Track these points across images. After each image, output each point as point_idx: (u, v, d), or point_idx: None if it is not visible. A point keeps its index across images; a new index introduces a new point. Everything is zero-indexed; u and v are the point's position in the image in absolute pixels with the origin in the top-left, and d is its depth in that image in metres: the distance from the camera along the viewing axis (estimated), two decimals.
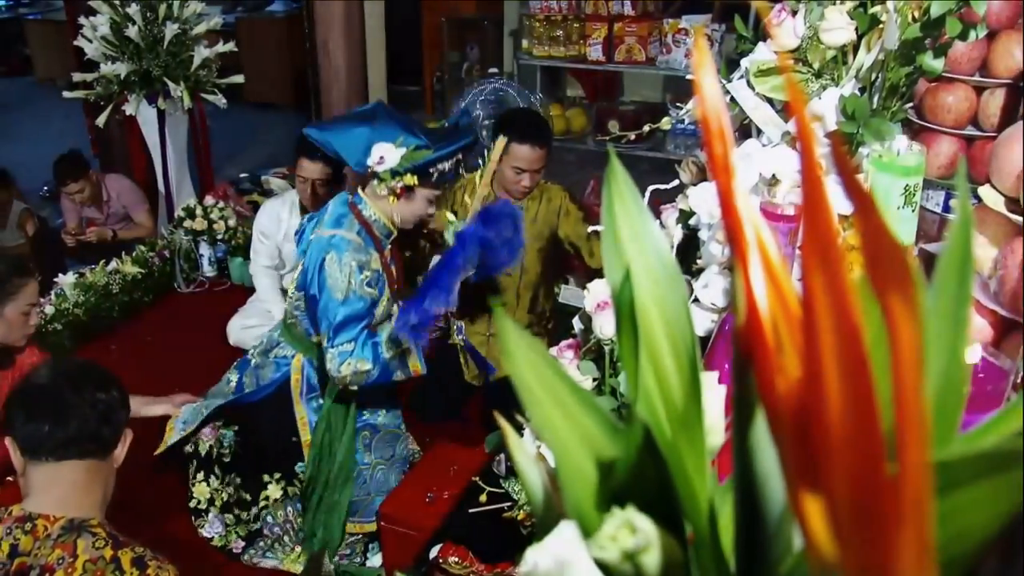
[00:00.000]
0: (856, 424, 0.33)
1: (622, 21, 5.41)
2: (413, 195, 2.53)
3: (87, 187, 4.69)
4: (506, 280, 3.19)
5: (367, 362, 2.47)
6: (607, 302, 1.73)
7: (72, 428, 1.56)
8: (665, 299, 0.45)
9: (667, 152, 5.39)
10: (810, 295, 0.33)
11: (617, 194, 0.47)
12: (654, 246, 0.46)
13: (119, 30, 4.29)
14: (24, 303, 2.54)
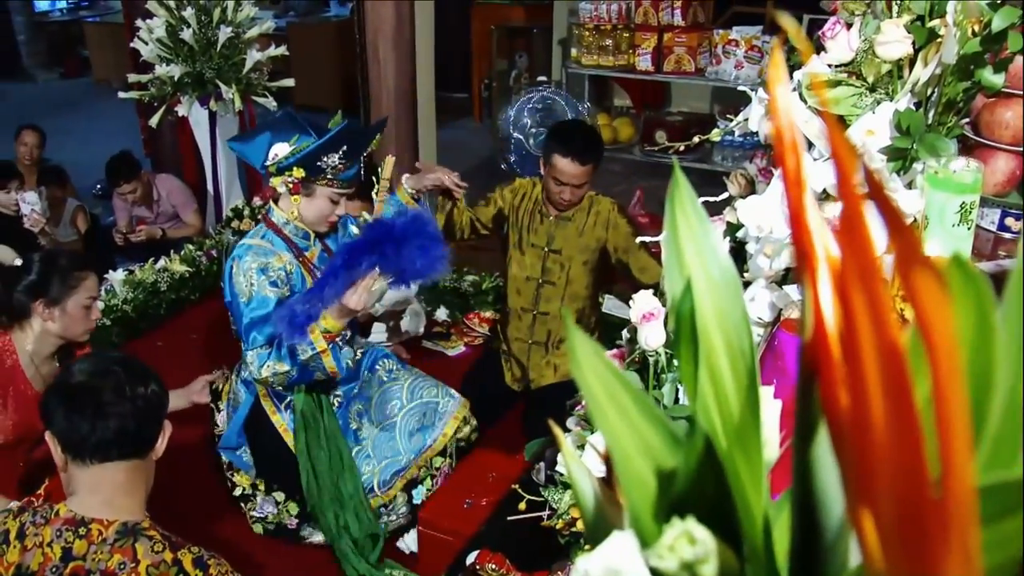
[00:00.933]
0: (899, 443, 0.33)
1: (672, 31, 5.39)
2: (313, 193, 2.61)
3: (139, 187, 4.77)
4: (550, 290, 3.18)
5: (284, 363, 2.52)
6: (652, 313, 1.72)
7: (112, 428, 1.54)
8: (725, 312, 0.45)
9: (714, 164, 5.36)
10: (850, 315, 0.33)
11: (679, 206, 0.47)
12: (715, 258, 0.46)
13: (174, 33, 4.37)
14: (85, 296, 2.55)
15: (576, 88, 5.50)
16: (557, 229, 3.14)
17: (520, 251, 3.20)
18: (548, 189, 3.06)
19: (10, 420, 2.49)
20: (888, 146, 1.59)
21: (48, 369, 2.62)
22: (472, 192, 3.18)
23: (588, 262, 3.16)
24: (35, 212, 4.44)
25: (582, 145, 3.01)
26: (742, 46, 5.25)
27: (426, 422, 2.92)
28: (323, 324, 2.51)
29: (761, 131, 1.99)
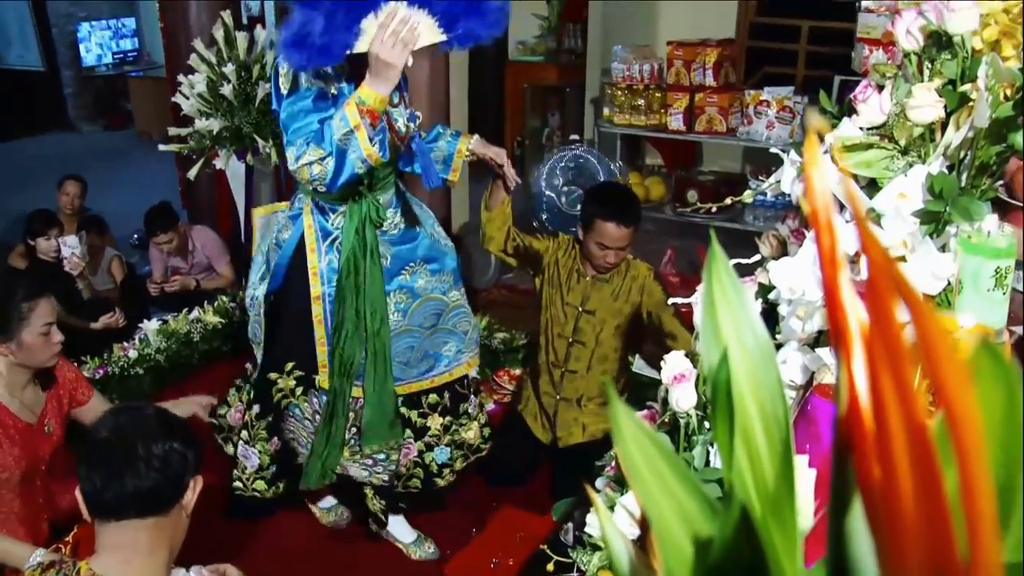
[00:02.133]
0: (929, 522, 0.34)
1: (703, 91, 5.44)
2: None
3: (175, 238, 4.85)
4: (580, 349, 3.18)
5: (320, 149, 2.19)
6: (684, 375, 1.72)
7: (128, 487, 1.52)
8: (760, 381, 0.45)
9: (746, 224, 5.36)
10: (879, 397, 0.34)
11: (716, 275, 0.48)
12: (750, 328, 0.46)
13: (214, 88, 4.46)
14: (39, 325, 2.43)
15: (608, 147, 5.55)
16: (593, 290, 3.15)
17: (554, 308, 3.21)
18: (590, 252, 3.07)
19: (10, 455, 2.47)
20: (921, 209, 1.59)
21: (32, 396, 2.57)
22: None
23: (620, 326, 3.16)
24: (75, 256, 4.52)
25: (624, 208, 3.03)
26: (773, 106, 5.28)
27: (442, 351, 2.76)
28: (357, 94, 2.17)
29: (793, 193, 1.99)
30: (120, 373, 3.96)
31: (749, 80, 6.55)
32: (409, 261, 2.63)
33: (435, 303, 2.71)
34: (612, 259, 3.04)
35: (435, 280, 2.69)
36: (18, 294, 2.43)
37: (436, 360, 2.76)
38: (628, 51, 5.72)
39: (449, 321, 2.76)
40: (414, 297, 2.65)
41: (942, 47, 1.64)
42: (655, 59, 5.72)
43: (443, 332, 2.75)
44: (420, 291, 2.65)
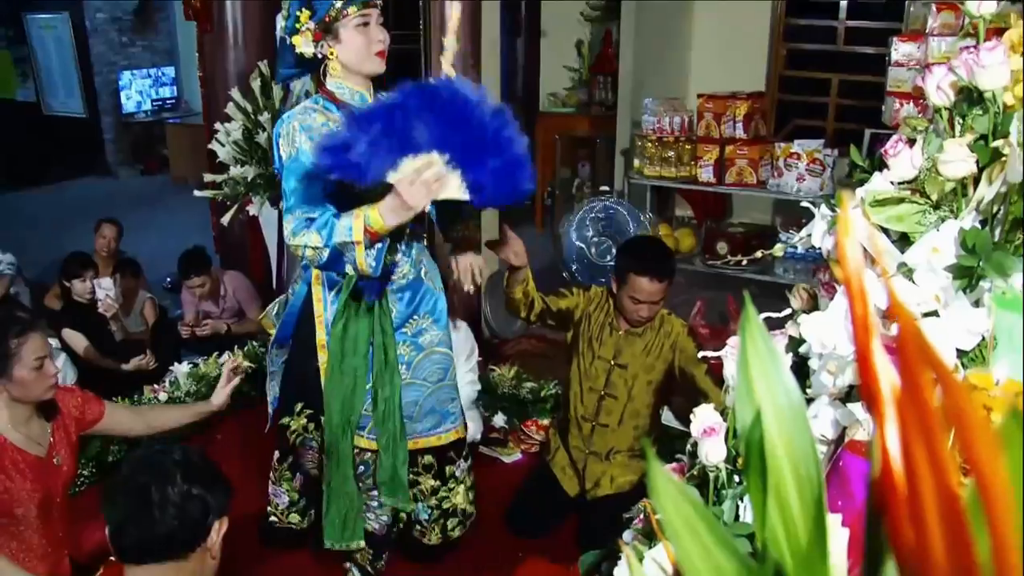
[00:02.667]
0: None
1: (734, 144, 5.46)
2: (337, 33, 2.34)
3: (208, 282, 4.90)
4: (611, 403, 3.15)
5: (320, 237, 2.21)
6: (714, 428, 1.70)
7: (144, 532, 1.52)
8: (793, 441, 0.46)
9: (776, 276, 5.34)
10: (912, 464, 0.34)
11: (750, 337, 0.48)
12: (784, 389, 0.47)
13: (250, 136, 4.54)
14: (30, 360, 2.42)
15: (638, 198, 5.57)
16: (625, 344, 3.13)
17: (585, 361, 3.19)
18: (624, 306, 3.05)
19: (23, 490, 2.48)
20: (954, 264, 1.58)
21: (38, 428, 2.57)
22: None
23: (652, 382, 3.13)
24: (109, 298, 4.59)
25: (658, 262, 3.02)
26: (804, 159, 5.28)
27: (449, 407, 2.75)
28: (368, 214, 2.20)
29: (824, 246, 1.99)
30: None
31: (779, 132, 6.58)
32: (414, 314, 2.62)
33: (441, 357, 2.70)
34: (645, 313, 3.02)
35: (442, 334, 2.69)
36: (6, 331, 2.41)
37: (443, 417, 2.74)
38: (658, 103, 5.76)
39: (454, 378, 2.76)
40: (418, 350, 2.64)
41: (973, 102, 1.64)
42: (685, 111, 5.76)
43: (449, 387, 2.74)
44: (425, 344, 2.65)
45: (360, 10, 2.33)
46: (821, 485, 0.45)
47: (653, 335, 3.12)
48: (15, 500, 2.47)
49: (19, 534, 2.51)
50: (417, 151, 2.13)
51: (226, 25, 5.14)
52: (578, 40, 7.72)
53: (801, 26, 6.68)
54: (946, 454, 0.34)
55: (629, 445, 3.18)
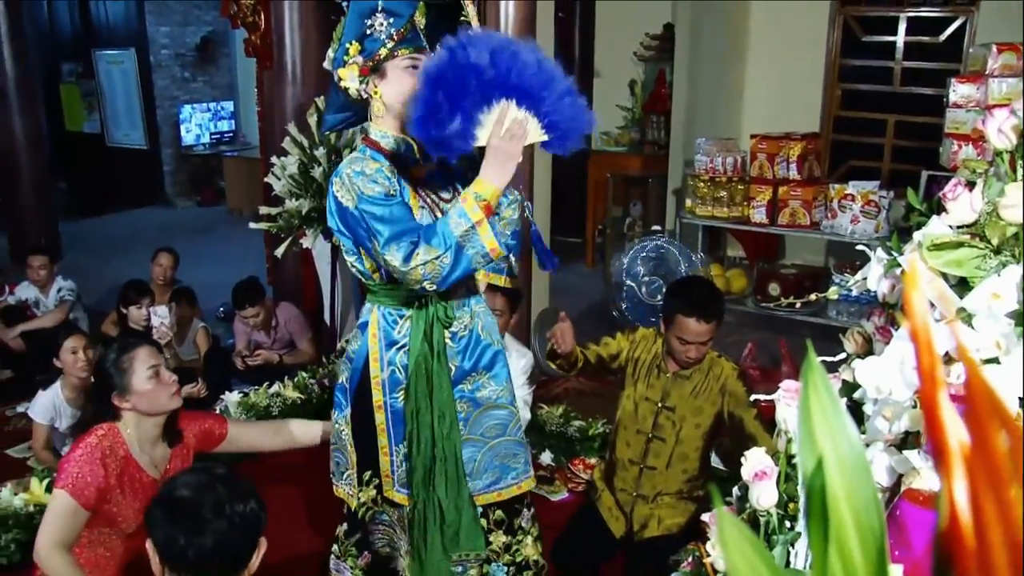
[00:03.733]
0: None
1: (787, 184, 5.42)
2: (384, 72, 2.30)
3: (261, 312, 4.97)
4: (659, 446, 3.12)
5: (432, 248, 2.12)
6: (765, 472, 1.68)
7: (210, 545, 1.55)
8: (855, 491, 0.45)
9: (828, 318, 5.26)
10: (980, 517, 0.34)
11: (812, 385, 0.48)
12: (846, 438, 0.46)
13: (306, 170, 4.61)
14: (144, 370, 2.54)
15: (690, 238, 5.55)
16: (673, 386, 3.10)
17: (633, 403, 3.16)
18: (671, 347, 3.01)
19: (130, 508, 2.56)
20: (1015, 310, 1.55)
21: (160, 453, 2.66)
22: (581, 336, 3.18)
23: (701, 426, 3.08)
24: (164, 325, 4.66)
25: (705, 303, 2.97)
26: (858, 200, 5.23)
27: (510, 463, 2.64)
28: (474, 191, 2.15)
29: (879, 290, 1.95)
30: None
31: (834, 173, 6.53)
32: (473, 370, 2.56)
33: (500, 412, 2.62)
34: (693, 354, 2.99)
35: (500, 389, 2.61)
36: (115, 352, 2.57)
37: (503, 472, 2.64)
38: (711, 143, 5.76)
39: (517, 432, 2.67)
40: (475, 406, 2.57)
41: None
42: (738, 151, 5.74)
43: (511, 443, 2.64)
44: (482, 400, 2.57)
45: (412, 53, 2.32)
46: (883, 535, 0.44)
47: (702, 377, 3.08)
48: (121, 516, 2.55)
49: (108, 540, 2.60)
50: (489, 103, 2.11)
51: (285, 62, 5.25)
52: (631, 80, 7.76)
53: (856, 67, 6.64)
54: (1015, 505, 0.33)
55: (677, 488, 3.14)
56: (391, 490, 2.56)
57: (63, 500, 2.41)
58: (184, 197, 11.43)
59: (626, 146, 7.71)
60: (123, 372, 2.53)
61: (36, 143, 8.03)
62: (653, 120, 7.50)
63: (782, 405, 1.76)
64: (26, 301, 5.80)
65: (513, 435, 2.63)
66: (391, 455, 2.53)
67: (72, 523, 2.43)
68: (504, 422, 2.61)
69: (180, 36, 11.09)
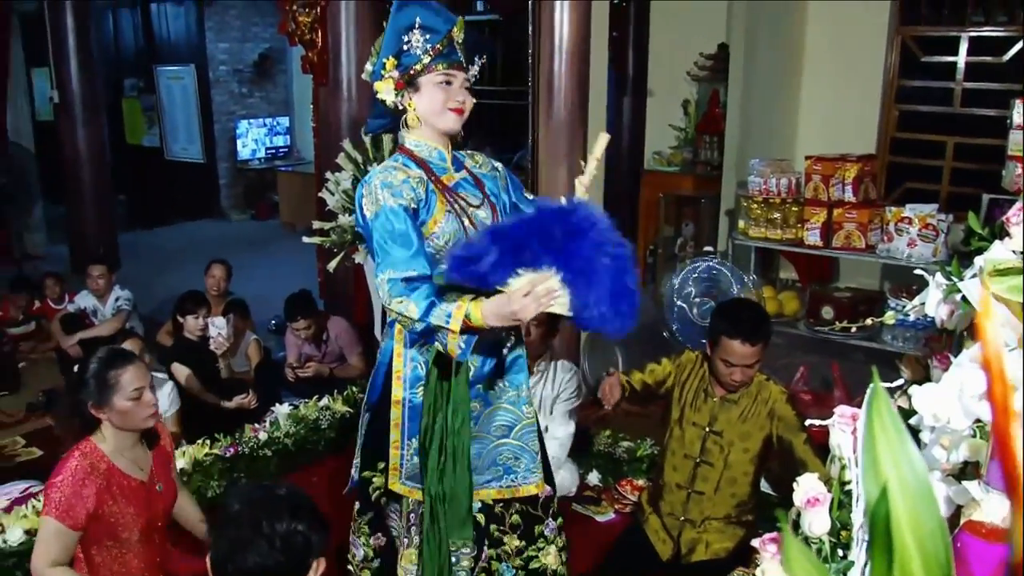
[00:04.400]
0: None
1: (842, 207, 5.34)
2: (419, 86, 2.38)
3: (312, 326, 5.02)
4: (707, 470, 3.08)
5: (416, 308, 2.21)
6: (817, 499, 1.64)
7: (249, 563, 1.56)
8: (920, 520, 0.44)
9: (883, 343, 5.17)
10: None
11: (877, 414, 0.47)
12: (912, 467, 0.45)
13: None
14: (128, 391, 2.55)
15: (742, 259, 5.49)
16: (721, 410, 3.06)
17: (680, 427, 3.13)
18: (717, 370, 2.99)
19: (126, 514, 2.60)
20: None
21: (140, 454, 2.71)
22: (631, 357, 3.17)
23: (749, 450, 3.04)
24: (221, 336, 4.73)
25: (751, 325, 2.94)
26: (916, 224, 5.13)
27: (512, 464, 2.69)
28: (470, 308, 2.20)
29: (938, 316, 1.91)
30: (249, 453, 4.08)
31: (890, 196, 6.42)
32: (488, 373, 2.62)
33: (506, 413, 2.67)
34: (738, 377, 2.95)
35: (512, 393, 2.67)
36: (106, 365, 2.57)
37: (505, 471, 2.70)
38: (765, 164, 5.70)
39: (521, 436, 2.70)
40: (487, 405, 2.64)
41: None
42: (792, 173, 5.68)
43: (514, 446, 2.69)
44: (492, 399, 2.65)
45: (446, 68, 2.38)
46: (950, 563, 0.43)
47: (750, 402, 3.04)
48: (121, 524, 2.59)
49: (121, 557, 2.63)
50: (537, 265, 2.15)
51: (340, 79, 5.33)
52: (685, 99, 7.73)
53: (915, 87, 6.54)
54: None
55: (726, 512, 3.10)
56: (396, 483, 2.64)
57: (52, 526, 2.49)
58: (239, 211, 11.62)
59: (678, 166, 7.67)
60: (106, 387, 2.55)
61: (99, 156, 8.22)
62: (706, 140, 7.46)
63: (836, 430, 1.72)
64: (84, 309, 5.94)
65: (518, 438, 2.68)
66: (402, 449, 2.61)
67: (64, 543, 2.51)
68: (509, 423, 2.67)
69: (238, 53, 11.30)
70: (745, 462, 3.06)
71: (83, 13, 7.92)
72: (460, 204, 2.46)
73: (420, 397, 2.55)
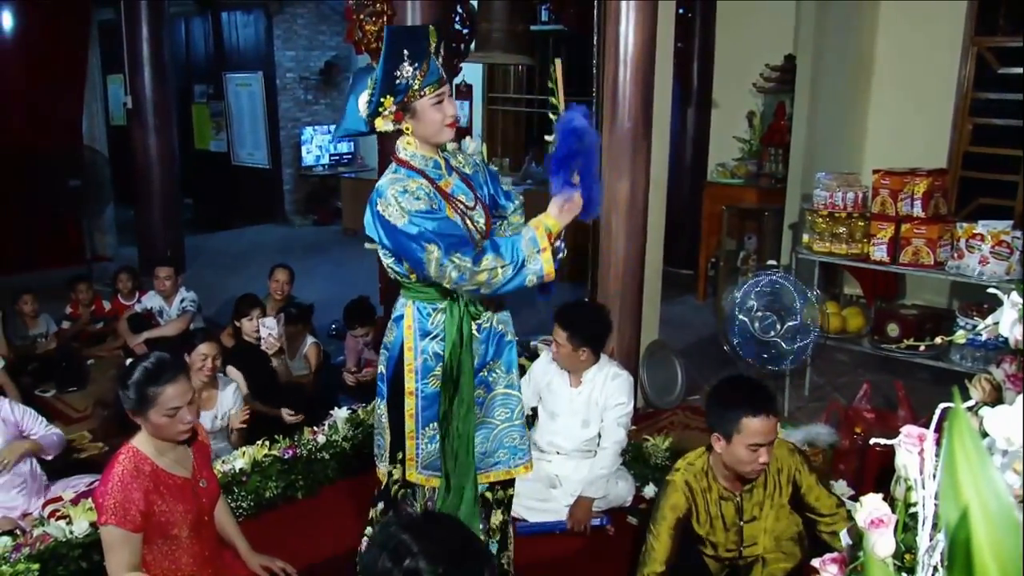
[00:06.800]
0: None
1: (911, 222, 5.23)
2: (415, 112, 2.54)
3: (371, 332, 5.06)
4: (752, 549, 3.00)
5: (500, 258, 2.43)
6: (882, 520, 1.60)
7: None
8: (1001, 545, 0.42)
9: (951, 363, 5.04)
10: None
11: (959, 436, 0.46)
12: (993, 492, 0.44)
13: None
14: (164, 408, 2.58)
15: (805, 274, 5.40)
16: (746, 502, 2.95)
17: (714, 535, 3.00)
18: (739, 460, 2.78)
19: (175, 512, 2.66)
20: None
21: (181, 452, 2.76)
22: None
23: (785, 506, 2.96)
24: (271, 336, 4.79)
25: (765, 396, 2.78)
26: (988, 240, 4.99)
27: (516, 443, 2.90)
28: (546, 222, 2.50)
29: (1012, 336, 1.86)
30: (307, 455, 4.12)
31: (961, 212, 6.28)
32: (490, 358, 2.79)
33: (506, 397, 2.84)
34: (765, 458, 2.76)
35: (509, 377, 2.85)
36: (148, 378, 2.59)
37: (512, 453, 2.88)
38: (831, 177, 5.60)
39: (521, 416, 2.89)
40: (489, 390, 2.80)
41: None
42: (859, 187, 5.57)
43: (518, 426, 2.88)
44: (493, 385, 2.81)
45: (436, 90, 2.54)
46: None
47: (767, 477, 2.91)
48: (171, 522, 2.65)
49: (171, 553, 2.69)
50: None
51: None
52: (749, 111, 7.65)
53: (990, 100, 6.38)
54: None
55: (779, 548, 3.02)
56: (414, 472, 2.77)
57: (114, 533, 2.55)
58: (301, 216, 11.78)
59: (742, 178, 7.59)
60: (145, 399, 2.59)
61: (168, 160, 8.41)
62: (771, 152, 7.37)
63: (903, 451, 1.68)
64: (151, 310, 6.07)
65: (519, 418, 2.89)
66: (417, 439, 2.74)
67: (131, 548, 2.57)
68: (511, 406, 2.86)
69: (305, 60, 11.48)
70: (784, 519, 2.97)
71: (157, 22, 8.12)
72: (461, 207, 2.62)
73: (432, 387, 2.69)
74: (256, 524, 3.68)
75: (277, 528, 3.74)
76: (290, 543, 3.49)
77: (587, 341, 3.81)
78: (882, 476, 3.22)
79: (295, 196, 11.77)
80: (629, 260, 4.70)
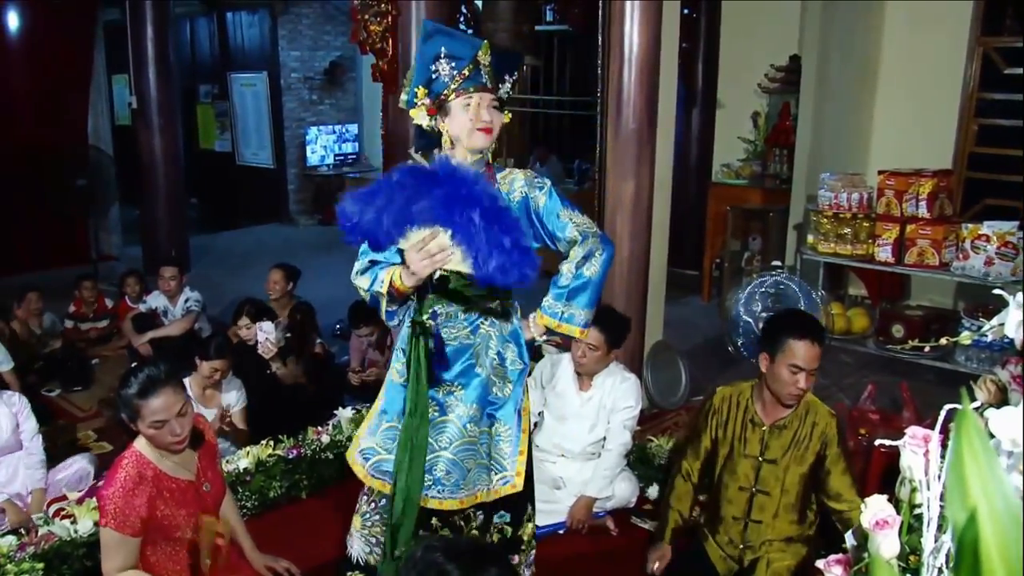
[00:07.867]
0: None
1: (916, 223, 5.23)
2: (448, 110, 2.54)
3: (376, 332, 5.06)
4: (764, 499, 3.02)
5: (365, 280, 2.60)
6: (887, 521, 1.60)
7: None
8: (1009, 546, 0.42)
9: (956, 364, 5.03)
10: None
11: (966, 437, 0.45)
12: (1001, 493, 0.43)
13: None
14: (149, 420, 2.55)
15: (810, 274, 5.39)
16: (771, 438, 3.00)
17: (731, 461, 3.08)
18: (780, 380, 2.90)
19: (178, 515, 2.66)
20: None
21: (186, 454, 2.73)
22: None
23: (804, 474, 2.99)
24: (268, 340, 4.79)
25: (814, 326, 2.91)
26: (994, 241, 4.99)
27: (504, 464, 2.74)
28: (393, 274, 2.50)
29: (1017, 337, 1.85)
30: (311, 455, 4.12)
31: (966, 213, 6.26)
32: (449, 381, 2.66)
33: (449, 426, 2.67)
34: (803, 384, 2.87)
35: (463, 408, 2.66)
36: (136, 392, 2.56)
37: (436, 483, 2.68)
38: (836, 178, 5.61)
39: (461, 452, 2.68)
40: (441, 413, 2.67)
41: None
42: (864, 188, 5.57)
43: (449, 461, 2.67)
44: (447, 409, 2.66)
45: (472, 92, 2.52)
46: None
47: (800, 424, 2.97)
48: (174, 525, 2.66)
49: (175, 554, 2.70)
50: (423, 224, 2.33)
51: None
52: (754, 112, 7.64)
53: (996, 100, 6.36)
54: None
55: (786, 535, 3.04)
56: (353, 453, 2.84)
57: (112, 535, 2.56)
58: (306, 216, 11.79)
59: (747, 179, 7.58)
60: (132, 411, 2.58)
61: (173, 160, 8.42)
62: (776, 153, 7.36)
63: (908, 452, 1.68)
64: (155, 309, 6.07)
65: (456, 453, 2.66)
66: (374, 421, 2.82)
67: (126, 550, 2.58)
68: (451, 437, 2.66)
69: (309, 60, 11.50)
70: (801, 484, 3.00)
71: (162, 22, 8.14)
72: None
73: (394, 380, 2.76)
74: (260, 524, 3.68)
75: (281, 528, 3.74)
76: (294, 543, 3.49)
77: (617, 343, 3.82)
78: (887, 477, 3.22)
79: (300, 196, 11.78)
80: (634, 261, 4.69)
